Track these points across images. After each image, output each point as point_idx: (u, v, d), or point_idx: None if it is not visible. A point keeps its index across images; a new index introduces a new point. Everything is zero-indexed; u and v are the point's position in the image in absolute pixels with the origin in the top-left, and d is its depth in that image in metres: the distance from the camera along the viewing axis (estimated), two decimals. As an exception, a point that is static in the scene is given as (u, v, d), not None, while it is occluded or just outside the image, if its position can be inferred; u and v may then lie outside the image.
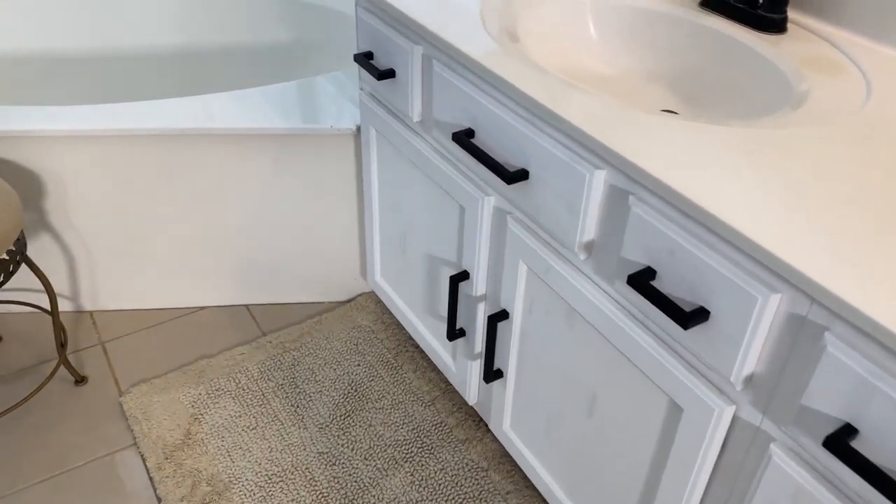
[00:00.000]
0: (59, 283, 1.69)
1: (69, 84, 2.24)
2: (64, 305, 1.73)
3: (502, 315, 1.16)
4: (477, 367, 1.32)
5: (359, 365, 1.58)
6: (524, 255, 1.06)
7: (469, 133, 1.08)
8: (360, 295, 1.78)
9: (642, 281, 0.82)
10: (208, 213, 1.61)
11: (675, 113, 1.12)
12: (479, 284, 1.21)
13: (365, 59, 1.29)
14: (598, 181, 0.88)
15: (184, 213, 1.61)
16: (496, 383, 1.25)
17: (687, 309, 0.79)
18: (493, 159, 1.01)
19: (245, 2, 2.23)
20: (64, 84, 2.23)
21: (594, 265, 0.94)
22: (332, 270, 1.74)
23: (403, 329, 1.68)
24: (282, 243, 1.68)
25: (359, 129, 1.50)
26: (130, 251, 1.66)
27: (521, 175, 0.99)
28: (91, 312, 1.74)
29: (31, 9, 2.13)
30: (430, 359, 1.60)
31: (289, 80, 2.27)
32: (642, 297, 0.86)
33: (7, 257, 1.28)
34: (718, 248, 0.74)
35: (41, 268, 1.65)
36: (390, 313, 1.71)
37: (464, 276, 1.23)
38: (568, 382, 1.07)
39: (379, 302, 1.74)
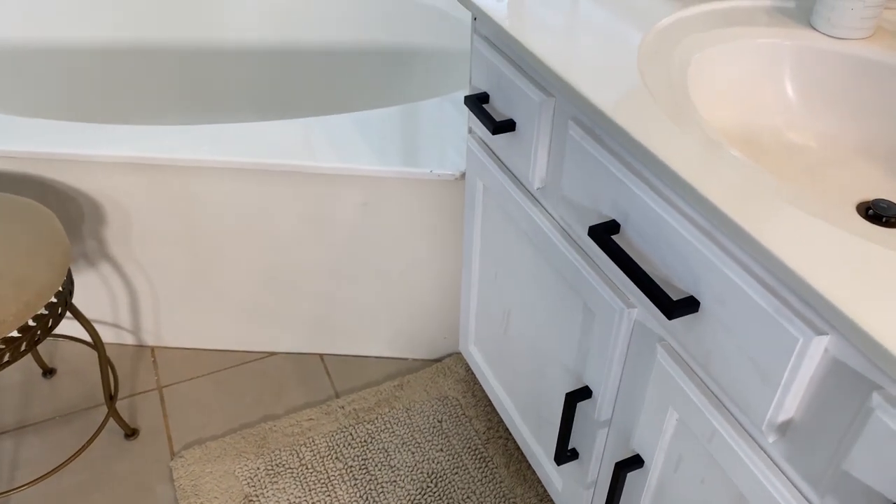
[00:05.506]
0: (120, 316, 1.52)
1: (160, 76, 2.08)
2: (125, 338, 1.57)
3: (634, 461, 0.88)
4: (589, 498, 1.05)
5: (442, 450, 1.34)
6: (676, 403, 0.78)
7: (612, 226, 0.81)
8: (448, 356, 1.53)
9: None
10: (285, 252, 1.40)
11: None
12: (603, 408, 0.94)
13: (478, 102, 1.02)
14: (816, 351, 0.59)
15: (258, 251, 1.40)
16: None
17: None
18: (648, 277, 0.73)
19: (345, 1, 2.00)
20: (155, 76, 2.08)
21: (787, 451, 0.65)
22: (418, 326, 1.50)
23: (496, 407, 1.42)
24: (365, 291, 1.45)
25: (463, 175, 1.24)
26: (197, 287, 1.47)
27: (688, 305, 0.70)
28: (152, 348, 1.57)
29: (127, 1, 1.98)
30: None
31: (387, 84, 2.03)
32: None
33: (46, 311, 1.10)
34: None
35: (100, 297, 1.49)
36: (482, 385, 1.46)
37: (584, 392, 0.96)
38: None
39: (469, 369, 1.49)
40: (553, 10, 0.97)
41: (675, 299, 0.71)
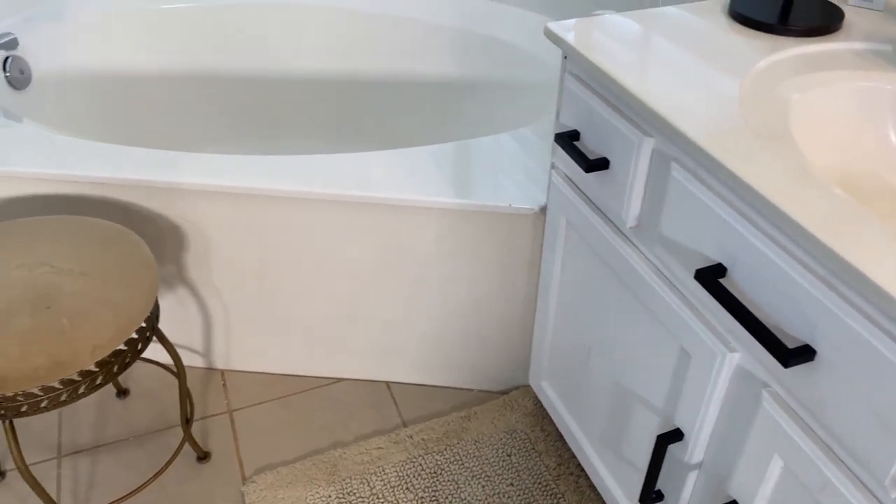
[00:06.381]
0: (193, 339, 1.55)
1: (227, 103, 2.13)
2: (195, 361, 1.59)
3: (730, 507, 0.87)
4: (673, 541, 1.04)
5: (512, 485, 1.33)
6: (782, 451, 0.76)
7: (719, 270, 0.80)
8: (515, 388, 1.53)
9: None
10: (357, 280, 1.42)
11: None
12: (695, 451, 0.93)
13: (568, 140, 1.03)
14: (953, 406, 0.58)
15: (330, 279, 1.42)
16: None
17: None
18: (761, 324, 0.72)
19: (412, 30, 2.03)
20: (222, 103, 2.13)
21: (912, 507, 0.64)
22: (487, 357, 1.50)
23: (566, 442, 1.41)
24: (434, 321, 1.46)
25: (542, 209, 1.25)
26: (269, 312, 1.49)
27: (803, 353, 0.70)
28: (222, 371, 1.60)
29: (196, 28, 2.04)
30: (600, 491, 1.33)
31: (456, 115, 2.06)
32: None
33: (136, 336, 1.13)
34: None
35: (174, 320, 1.52)
36: (551, 418, 1.45)
37: (675, 434, 0.95)
38: None
39: (538, 402, 1.48)
40: (646, 51, 0.97)
41: (790, 347, 0.70)
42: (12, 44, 1.58)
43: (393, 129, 2.16)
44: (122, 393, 1.53)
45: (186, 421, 1.33)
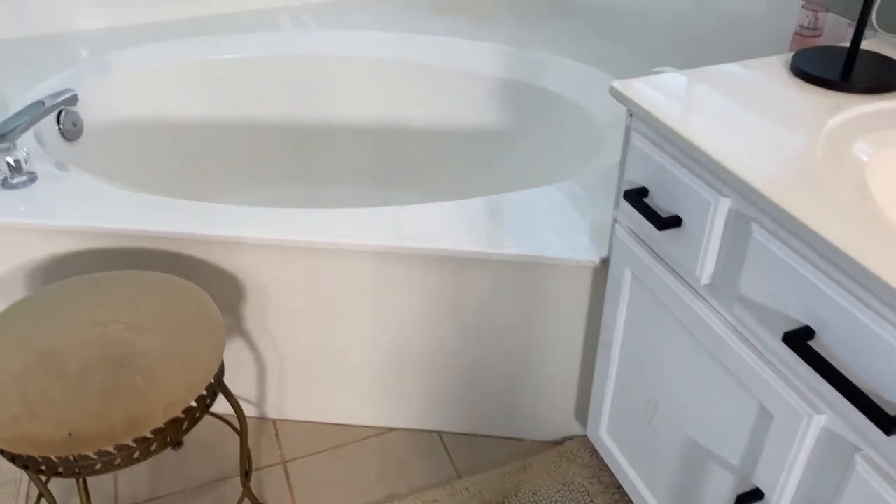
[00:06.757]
0: (246, 389, 1.56)
1: (271, 150, 2.17)
2: (247, 410, 1.60)
3: (820, 572, 0.85)
4: None
5: (573, 539, 1.32)
6: (880, 517, 0.75)
7: (806, 332, 0.80)
8: (569, 438, 1.52)
9: None
10: (412, 330, 1.42)
11: None
12: (777, 512, 0.92)
13: (637, 197, 1.04)
14: None
15: (385, 329, 1.43)
16: None
17: None
18: (858, 390, 0.72)
19: (452, 79, 2.07)
20: (267, 149, 2.17)
21: None
22: (541, 407, 1.49)
23: (625, 494, 1.40)
24: (487, 370, 1.46)
25: (602, 261, 1.26)
26: (322, 361, 1.50)
27: (904, 420, 0.69)
28: (274, 421, 1.60)
29: (241, 80, 2.08)
30: (659, 541, 1.31)
31: (497, 163, 2.08)
32: None
33: (205, 392, 1.13)
34: None
35: (228, 369, 1.53)
36: (608, 470, 1.44)
37: (755, 495, 0.94)
38: None
39: (594, 453, 1.47)
40: (714, 110, 0.99)
41: (891, 414, 0.70)
42: (72, 100, 1.62)
43: (435, 177, 2.19)
44: (177, 445, 1.53)
45: (246, 473, 1.33)
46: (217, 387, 1.17)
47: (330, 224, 1.34)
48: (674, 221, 0.98)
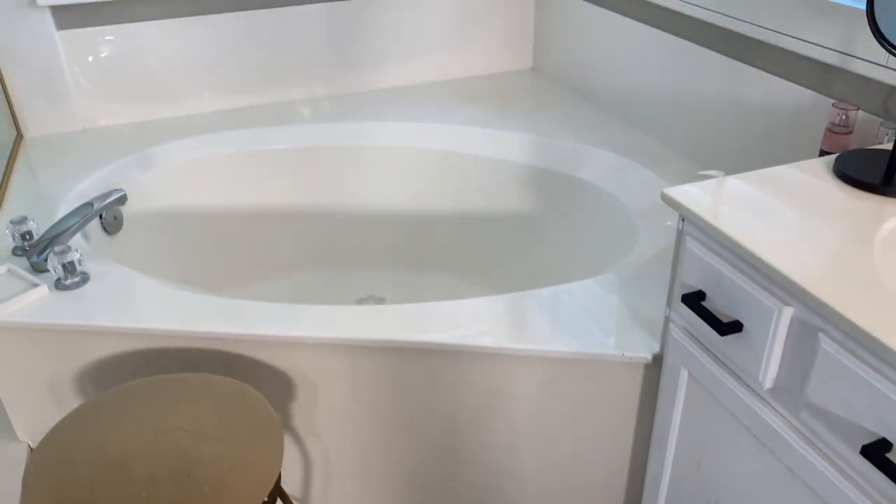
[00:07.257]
0: (292, 485, 1.55)
1: (306, 236, 2.22)
2: (292, 507, 1.59)
3: None
4: None
5: None
6: None
7: (884, 444, 0.81)
8: (619, 534, 1.50)
9: None
10: (458, 427, 1.43)
11: None
12: None
13: (696, 300, 1.06)
14: None
15: (430, 425, 1.43)
16: None
17: None
18: (944, 506, 0.73)
19: (481, 167, 2.13)
20: (301, 236, 2.21)
21: None
22: (586, 503, 1.48)
23: (681, 592, 1.38)
24: (533, 466, 1.45)
25: (654, 358, 1.27)
26: (368, 458, 1.50)
27: None
28: (319, 517, 1.59)
29: (276, 169, 2.14)
30: None
31: (529, 250, 2.11)
32: None
33: (267, 499, 1.14)
34: None
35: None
36: (662, 566, 1.42)
37: None
38: None
39: (646, 548, 1.45)
40: (766, 214, 1.02)
41: (983, 533, 0.70)
42: (122, 200, 1.67)
43: (465, 262, 2.22)
44: (222, 543, 1.52)
45: (297, 577, 1.32)
46: (276, 492, 1.17)
47: (381, 320, 1.36)
48: (735, 327, 1.00)
